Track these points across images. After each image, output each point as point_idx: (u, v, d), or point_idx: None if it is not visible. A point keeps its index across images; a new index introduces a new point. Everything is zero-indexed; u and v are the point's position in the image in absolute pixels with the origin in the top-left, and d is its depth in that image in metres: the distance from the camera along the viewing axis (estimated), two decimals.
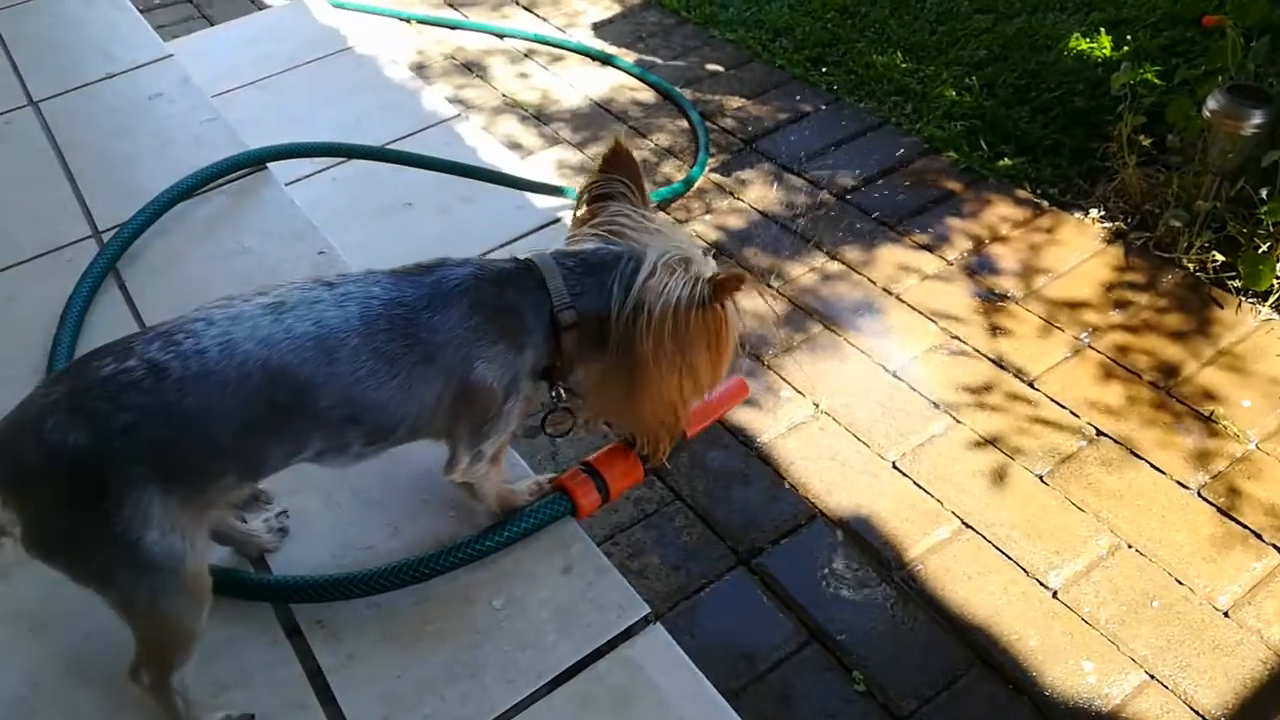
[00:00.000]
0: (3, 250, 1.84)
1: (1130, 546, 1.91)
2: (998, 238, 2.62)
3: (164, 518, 0.94)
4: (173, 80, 2.30)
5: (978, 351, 2.32)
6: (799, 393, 2.26)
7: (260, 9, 3.88)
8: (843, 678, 1.75)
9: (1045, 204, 2.71)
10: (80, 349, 1.62)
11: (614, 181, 1.17)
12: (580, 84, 3.33)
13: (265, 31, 3.37)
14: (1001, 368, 2.28)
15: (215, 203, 1.93)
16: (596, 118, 3.18)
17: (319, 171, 2.65)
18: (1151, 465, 2.05)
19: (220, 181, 1.96)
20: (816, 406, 2.22)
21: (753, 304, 2.36)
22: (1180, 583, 1.84)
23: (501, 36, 3.60)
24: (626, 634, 1.20)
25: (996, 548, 1.92)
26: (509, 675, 1.17)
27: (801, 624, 1.83)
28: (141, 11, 2.72)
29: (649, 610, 1.22)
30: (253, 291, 1.01)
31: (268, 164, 2.02)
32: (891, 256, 2.60)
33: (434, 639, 1.21)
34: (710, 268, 1.12)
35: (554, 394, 1.20)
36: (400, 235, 2.57)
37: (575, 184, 2.85)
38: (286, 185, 2.34)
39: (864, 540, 1.95)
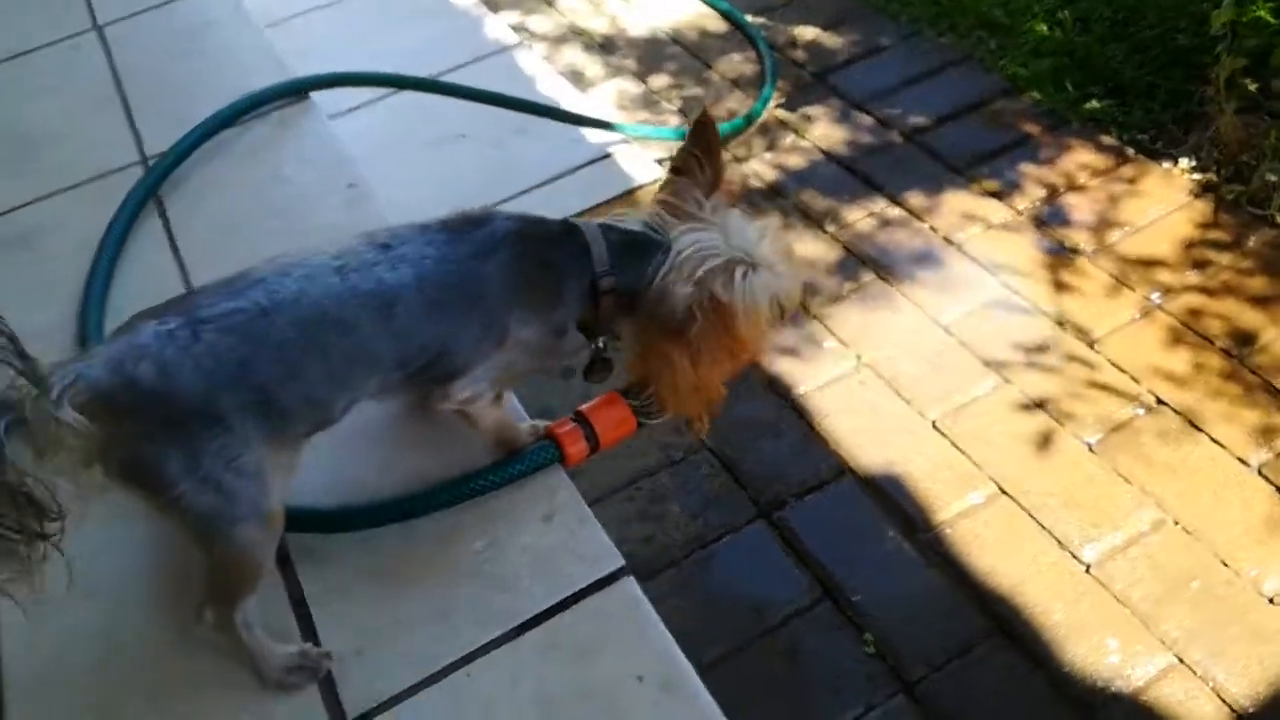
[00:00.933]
0: (57, 174, 1.90)
1: (1176, 523, 1.81)
2: (1074, 187, 2.46)
3: (259, 451, 1.01)
4: (227, 6, 2.32)
5: (1038, 308, 2.20)
6: (842, 344, 2.19)
7: None
8: (853, 638, 1.72)
9: (1131, 151, 2.53)
10: (117, 275, 1.67)
11: (691, 157, 1.18)
12: (649, 12, 3.23)
13: None
14: (1061, 326, 2.16)
15: (256, 131, 1.95)
16: (662, 47, 3.09)
17: (374, 100, 2.66)
18: (1211, 439, 1.92)
19: (263, 109, 1.98)
20: (859, 359, 2.15)
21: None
22: (1226, 565, 1.74)
23: None
24: (599, 585, 1.19)
25: (1031, 516, 1.84)
26: (480, 617, 1.18)
27: (817, 580, 1.80)
28: None
29: (623, 563, 1.21)
30: (318, 249, 1.08)
31: (310, 93, 2.02)
32: (957, 203, 2.47)
33: (414, 577, 1.23)
34: (745, 270, 1.13)
35: (595, 345, 1.25)
36: (453, 167, 2.58)
37: (634, 118, 2.79)
38: (342, 113, 2.36)
39: (892, 499, 1.90)
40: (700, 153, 1.18)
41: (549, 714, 1.09)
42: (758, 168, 2.64)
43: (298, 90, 2.00)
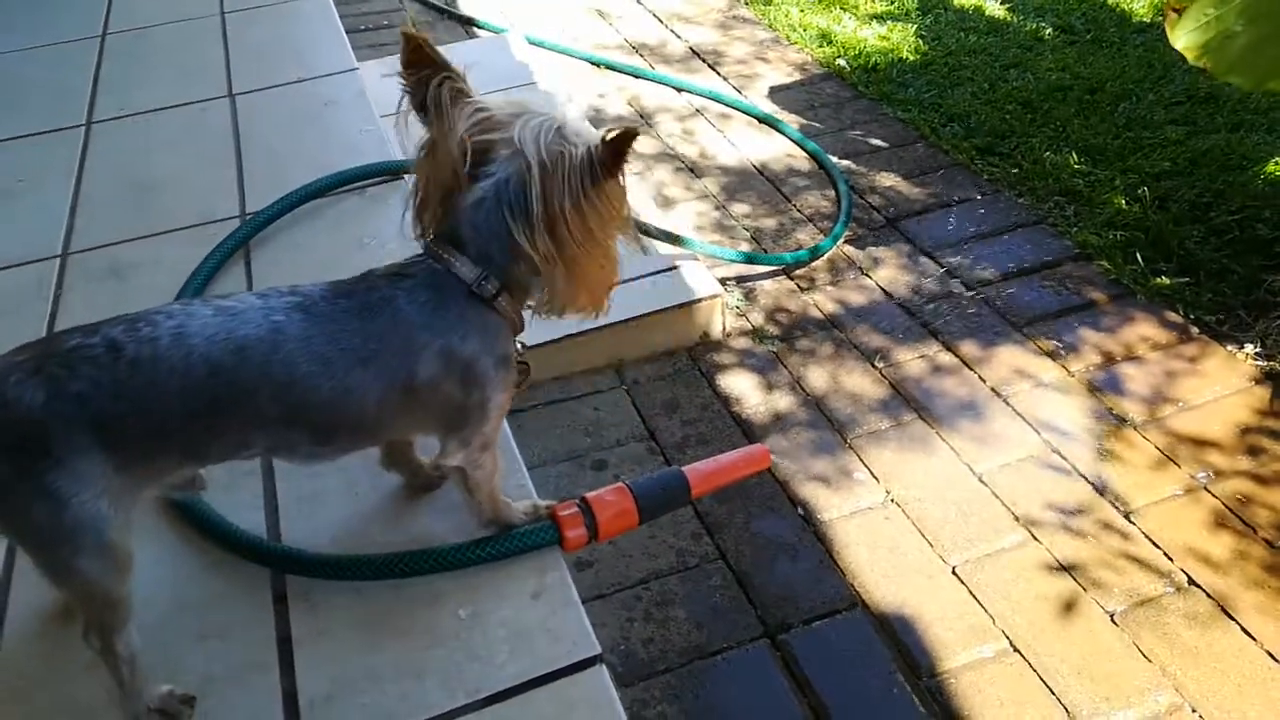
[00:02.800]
0: (164, 216, 2.08)
1: (1194, 711, 1.74)
2: (1132, 357, 2.46)
3: (97, 484, 1.00)
4: (350, 91, 2.53)
5: (1077, 471, 2.18)
6: (874, 477, 2.20)
7: (472, 38, 4.18)
8: None
9: (1195, 330, 2.52)
10: None
11: (428, 81, 1.08)
12: (741, 144, 3.39)
13: (462, 59, 3.59)
14: (1100, 493, 2.13)
15: (348, 203, 2.11)
16: (747, 178, 3.22)
17: None
18: (1243, 628, 1.86)
19: (358, 185, 2.14)
20: (888, 494, 2.16)
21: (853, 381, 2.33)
22: None
23: (679, 90, 3.72)
24: (571, 669, 1.22)
25: (1040, 678, 1.79)
26: (450, 683, 1.21)
27: (812, 711, 1.77)
28: (365, 30, 3.01)
29: (598, 651, 1.23)
30: (218, 295, 1.09)
31: (404, 175, 2.18)
32: (1010, 358, 2.48)
33: (396, 633, 1.27)
34: (584, 129, 1.09)
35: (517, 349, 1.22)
36: None
37: (708, 239, 2.90)
38: None
39: (900, 639, 1.87)
40: (436, 68, 1.08)
41: None
42: (818, 298, 2.71)
43: (391, 171, 2.16)
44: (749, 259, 2.78)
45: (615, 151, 1.05)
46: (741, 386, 2.45)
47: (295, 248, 2.00)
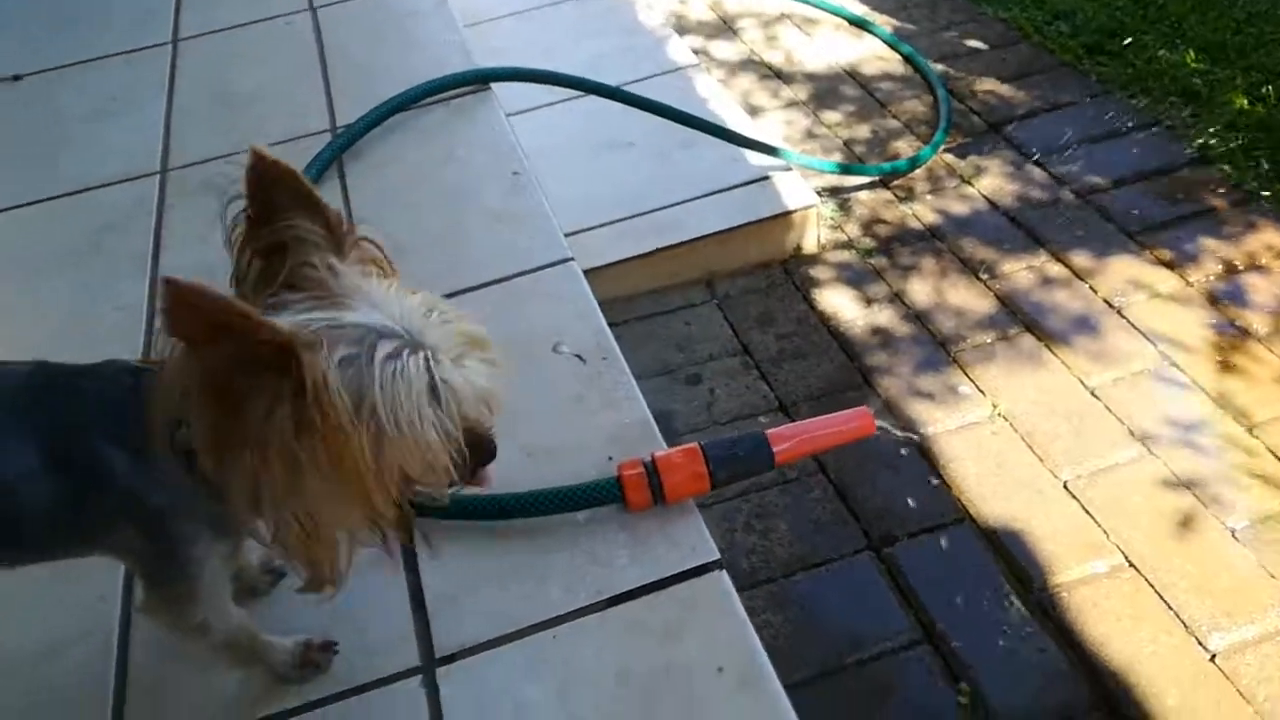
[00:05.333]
0: (256, 132, 2.07)
1: None
2: (1256, 266, 2.33)
3: None
4: (432, 1, 2.47)
5: (1196, 384, 2.08)
6: (979, 391, 2.13)
7: None
8: (948, 686, 1.66)
9: None
10: None
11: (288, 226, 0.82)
12: (829, 49, 3.25)
13: None
14: (1220, 407, 2.03)
15: (436, 114, 2.07)
16: (837, 83, 3.10)
17: (551, 103, 2.78)
18: None
19: (447, 95, 2.10)
20: (995, 409, 2.09)
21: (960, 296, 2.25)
22: None
23: None
24: (691, 573, 1.20)
25: (1158, 594, 1.74)
26: (572, 585, 1.20)
27: (919, 623, 1.75)
28: None
29: (718, 557, 1.22)
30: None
31: (490, 84, 2.13)
32: (1124, 268, 2.37)
33: (516, 536, 1.27)
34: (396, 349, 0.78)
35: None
36: (616, 172, 2.66)
37: (799, 148, 2.81)
38: (521, 113, 2.48)
39: (1009, 553, 1.83)
40: (302, 215, 0.82)
41: (625, 686, 1.11)
42: (918, 209, 2.61)
43: (479, 80, 2.12)
44: (845, 169, 2.68)
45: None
46: (838, 300, 2.39)
47: (386, 162, 1.98)
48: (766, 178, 2.53)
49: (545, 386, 1.47)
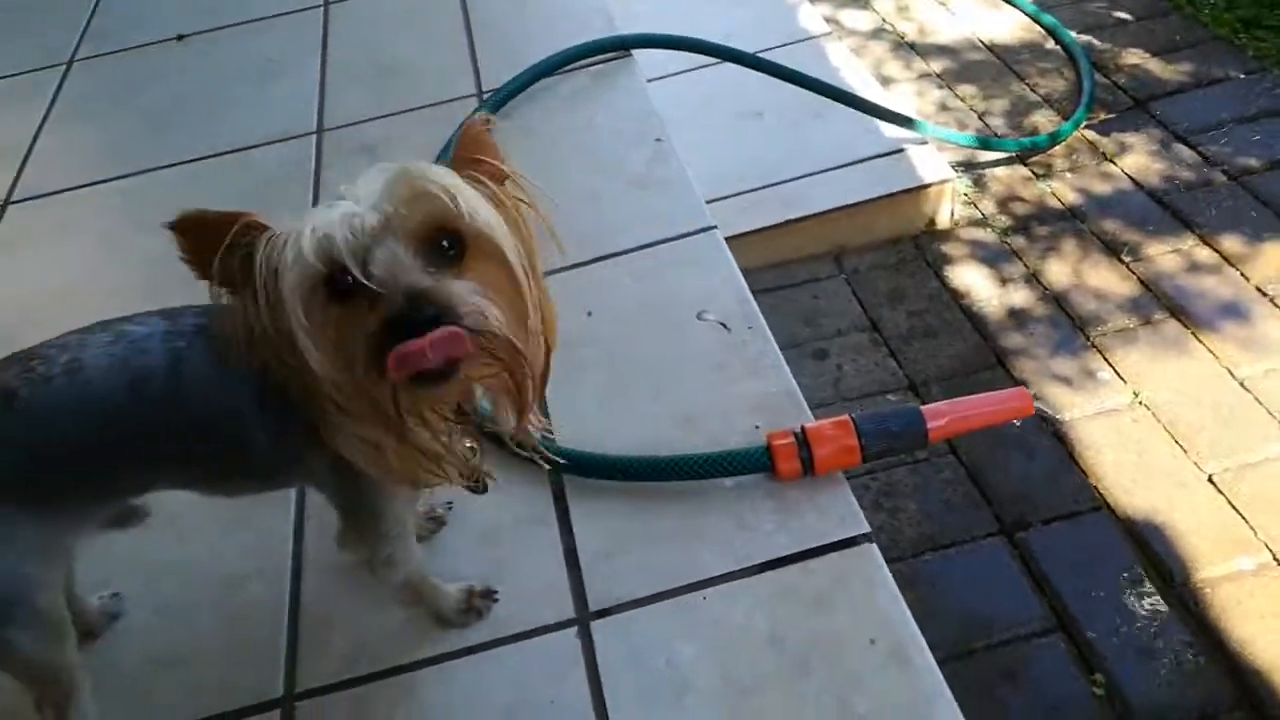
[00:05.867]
0: (406, 95, 2.13)
1: None
2: None
3: (17, 544, 0.90)
4: None
5: None
6: (1120, 378, 2.07)
7: None
8: (1082, 676, 1.64)
9: None
10: None
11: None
12: (965, 18, 3.16)
13: None
14: None
15: (578, 80, 2.09)
16: (973, 55, 3.01)
17: (684, 70, 2.78)
18: None
19: (589, 61, 2.12)
20: (1135, 396, 2.03)
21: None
22: None
23: None
24: (841, 544, 1.21)
25: None
26: (722, 550, 1.22)
27: (1052, 611, 1.73)
28: None
29: (869, 529, 1.22)
30: (119, 317, 0.95)
31: (631, 51, 2.14)
32: (1279, 255, 2.26)
33: (666, 497, 1.29)
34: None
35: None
36: (748, 141, 2.65)
37: (932, 121, 2.74)
38: (651, 80, 2.48)
39: (1149, 545, 1.78)
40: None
41: (777, 652, 1.12)
42: (1056, 186, 2.53)
43: (621, 47, 2.13)
44: (982, 143, 2.61)
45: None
46: (972, 278, 2.34)
47: (530, 128, 2.01)
48: (900, 150, 2.48)
49: (689, 353, 1.49)
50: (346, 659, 1.19)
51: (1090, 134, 2.66)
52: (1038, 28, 3.05)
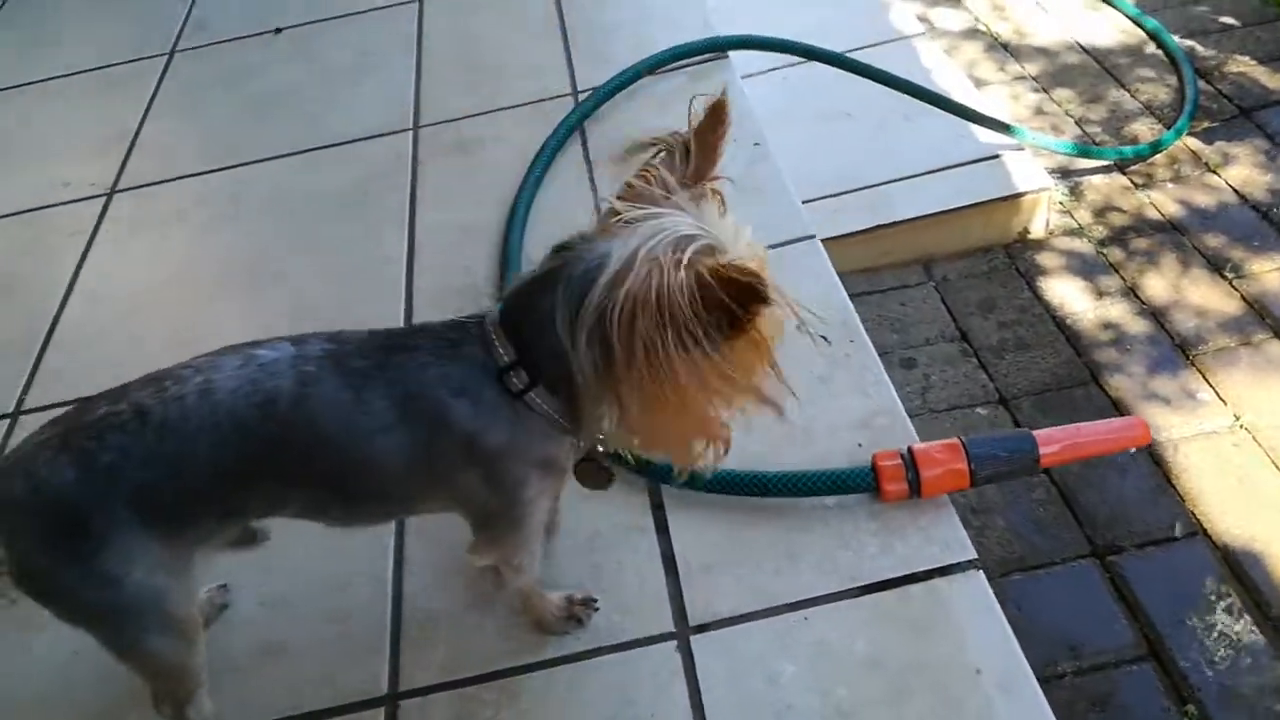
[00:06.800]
0: (501, 94, 2.14)
1: None
2: None
3: (147, 557, 0.93)
4: None
5: None
6: (1220, 399, 2.01)
7: None
8: (1173, 705, 1.60)
9: None
10: (540, 192, 1.85)
11: (679, 143, 0.94)
12: (1063, 20, 3.08)
13: None
14: None
15: (674, 81, 2.09)
16: (1070, 58, 2.94)
17: (773, 69, 2.75)
18: None
19: (685, 62, 2.11)
20: (1237, 419, 1.97)
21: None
22: None
23: None
24: (946, 570, 1.20)
25: None
26: (824, 568, 1.22)
27: (1144, 637, 1.69)
28: None
29: (975, 556, 1.21)
30: (247, 342, 0.97)
31: (728, 52, 2.13)
32: None
33: (766, 513, 1.29)
34: (739, 255, 0.85)
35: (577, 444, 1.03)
36: (836, 142, 2.62)
37: (1027, 126, 2.68)
38: (743, 77, 2.47)
39: (1248, 575, 1.73)
40: (695, 140, 0.94)
41: (878, 676, 1.12)
42: (1157, 198, 2.46)
43: (719, 48, 2.12)
44: (1081, 151, 2.55)
45: (735, 293, 0.79)
46: (1066, 290, 2.29)
47: (626, 127, 2.01)
48: (995, 156, 2.43)
49: (790, 365, 1.48)
50: (448, 660, 1.21)
51: (1193, 143, 2.58)
52: (1139, 31, 2.96)
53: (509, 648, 1.20)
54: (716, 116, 0.94)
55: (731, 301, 0.79)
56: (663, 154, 0.95)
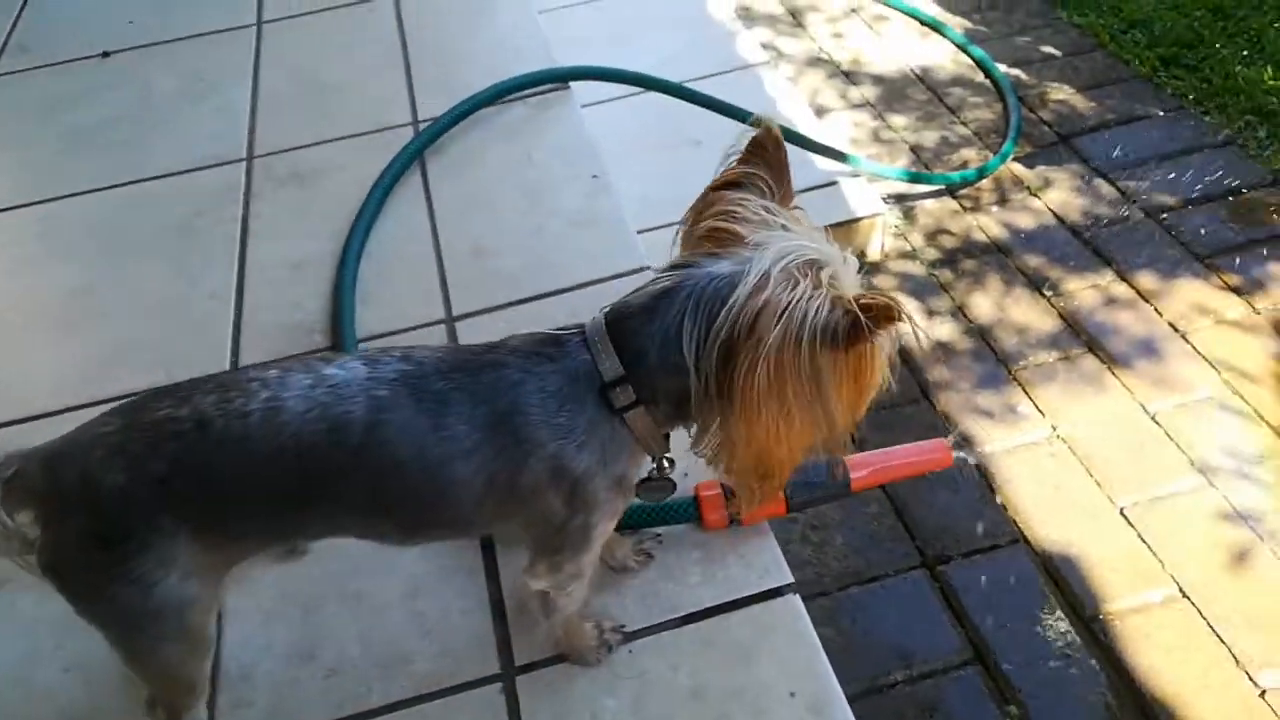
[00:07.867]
0: (340, 122, 2.11)
1: None
2: None
3: (182, 566, 0.92)
4: None
5: (1260, 416, 2.08)
6: (1039, 411, 2.14)
7: None
8: (996, 707, 1.69)
9: None
10: (378, 222, 1.83)
11: (750, 176, 0.95)
12: (897, 49, 3.23)
13: None
14: None
15: (516, 112, 2.10)
16: (905, 86, 3.08)
17: (620, 98, 2.78)
18: None
19: (525, 93, 2.12)
20: (1054, 430, 2.10)
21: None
22: None
23: None
24: (764, 595, 1.24)
25: (1210, 627, 1.75)
26: (648, 601, 1.24)
27: (969, 643, 1.78)
28: None
29: (792, 580, 1.25)
30: (318, 358, 0.96)
31: (569, 82, 2.15)
32: (1191, 292, 2.35)
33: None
34: (852, 280, 0.88)
35: (656, 464, 1.04)
36: (682, 170, 2.62)
37: (865, 152, 2.80)
38: (587, 106, 2.50)
39: (1063, 578, 1.85)
40: (765, 172, 0.95)
41: (699, 705, 1.15)
42: (984, 221, 2.60)
43: (561, 79, 2.14)
44: (913, 178, 2.67)
45: (875, 314, 0.82)
46: None
47: (467, 159, 2.01)
48: (833, 183, 2.53)
49: None
50: (267, 717, 1.18)
51: (1017, 168, 2.74)
52: (969, 60, 3.12)
53: (332, 700, 1.19)
54: (774, 141, 0.96)
55: (866, 319, 0.81)
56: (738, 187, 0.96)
